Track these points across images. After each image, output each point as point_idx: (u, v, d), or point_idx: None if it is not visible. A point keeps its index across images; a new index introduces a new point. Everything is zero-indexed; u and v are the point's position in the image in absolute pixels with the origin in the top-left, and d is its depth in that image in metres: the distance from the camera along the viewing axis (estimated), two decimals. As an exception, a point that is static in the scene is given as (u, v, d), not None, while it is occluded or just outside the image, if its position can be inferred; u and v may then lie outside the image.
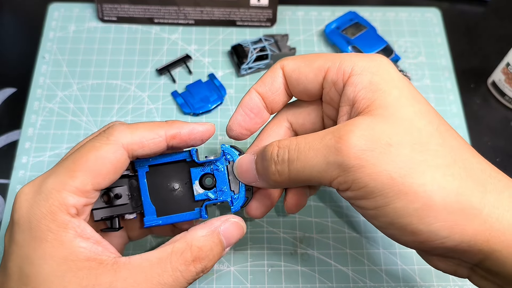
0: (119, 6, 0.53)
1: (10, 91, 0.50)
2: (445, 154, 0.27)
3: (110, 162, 0.28)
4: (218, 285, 0.40)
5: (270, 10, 0.54)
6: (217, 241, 0.30)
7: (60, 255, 0.26)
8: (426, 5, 0.57)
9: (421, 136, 0.27)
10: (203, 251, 0.29)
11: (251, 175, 0.31)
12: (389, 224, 0.27)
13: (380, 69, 0.29)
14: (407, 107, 0.27)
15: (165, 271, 0.27)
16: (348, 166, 0.26)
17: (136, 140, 0.29)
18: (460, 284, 0.41)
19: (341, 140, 0.26)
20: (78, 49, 0.52)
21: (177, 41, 0.54)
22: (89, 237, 0.27)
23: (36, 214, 0.26)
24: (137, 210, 0.32)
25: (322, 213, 0.44)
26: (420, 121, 0.27)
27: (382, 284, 0.41)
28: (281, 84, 0.32)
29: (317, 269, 0.41)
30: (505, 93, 0.51)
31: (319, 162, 0.27)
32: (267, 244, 0.42)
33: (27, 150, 0.46)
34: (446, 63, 0.53)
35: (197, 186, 0.32)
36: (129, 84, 0.50)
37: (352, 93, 0.29)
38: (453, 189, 0.26)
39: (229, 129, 0.34)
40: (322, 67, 0.31)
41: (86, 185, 0.27)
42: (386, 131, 0.26)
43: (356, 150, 0.26)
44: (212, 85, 0.50)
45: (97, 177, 0.28)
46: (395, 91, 0.28)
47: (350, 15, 0.54)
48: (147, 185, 0.32)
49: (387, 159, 0.26)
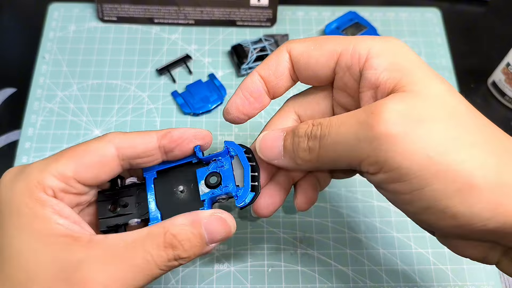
0: (119, 6, 0.53)
1: (10, 91, 0.50)
2: (478, 130, 0.25)
3: (97, 155, 0.28)
4: (218, 285, 0.40)
5: (270, 10, 0.54)
6: (196, 232, 0.28)
7: (35, 228, 0.26)
8: (426, 5, 0.57)
9: (454, 112, 0.25)
10: (178, 239, 0.27)
11: (276, 151, 0.30)
12: (425, 209, 0.25)
13: (398, 51, 0.27)
14: (436, 84, 0.26)
15: (137, 253, 0.26)
16: (379, 143, 0.24)
17: (127, 140, 0.29)
18: (460, 284, 0.41)
19: (372, 114, 0.24)
20: (78, 49, 0.52)
21: (177, 41, 0.54)
22: (67, 216, 0.28)
23: (14, 190, 0.27)
24: (143, 217, 0.32)
25: (322, 213, 0.44)
26: (451, 98, 0.26)
27: (382, 284, 0.41)
28: (286, 69, 0.31)
29: (317, 269, 0.41)
30: (505, 93, 0.51)
31: (349, 137, 0.25)
32: (267, 244, 0.42)
33: (27, 150, 0.46)
34: (446, 63, 0.53)
35: (203, 185, 0.31)
36: (129, 84, 0.50)
37: (373, 76, 0.27)
38: (493, 166, 0.24)
39: (226, 112, 0.32)
40: (334, 51, 0.29)
41: (66, 170, 0.28)
42: (419, 106, 0.25)
43: (388, 125, 0.24)
44: (212, 85, 0.50)
45: (80, 166, 0.28)
46: (418, 71, 0.26)
47: (350, 15, 0.54)
48: (154, 190, 0.32)
49: (423, 135, 0.24)
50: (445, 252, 0.42)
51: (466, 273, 0.41)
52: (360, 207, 0.44)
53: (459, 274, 0.41)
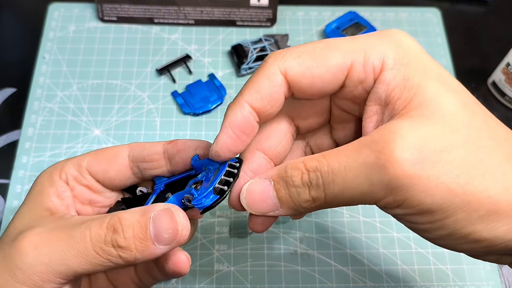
0: (119, 6, 0.53)
1: (10, 91, 0.50)
2: (499, 148, 0.24)
3: (109, 151, 0.32)
4: (218, 285, 0.40)
5: (270, 10, 0.54)
6: (142, 223, 0.25)
7: (33, 200, 0.30)
8: (426, 5, 0.57)
9: (471, 132, 0.23)
10: (121, 223, 0.25)
11: (269, 203, 0.26)
12: (447, 236, 0.24)
13: (411, 58, 0.25)
14: (448, 100, 0.24)
15: (80, 226, 0.26)
16: (397, 185, 0.22)
17: (138, 143, 0.32)
18: (460, 284, 0.41)
19: (383, 155, 0.22)
20: (78, 49, 0.52)
21: (177, 41, 0.54)
22: (63, 198, 0.30)
23: (43, 173, 0.31)
24: None
25: (322, 213, 0.44)
26: (464, 115, 0.24)
27: (382, 284, 0.41)
28: (282, 95, 0.26)
29: (317, 269, 0.41)
30: (505, 93, 0.51)
31: (361, 184, 0.23)
32: (267, 244, 0.42)
33: (27, 150, 0.46)
34: (446, 63, 0.53)
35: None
36: (129, 84, 0.50)
37: (384, 92, 0.25)
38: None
39: (215, 155, 0.27)
40: (342, 64, 0.25)
41: (82, 161, 0.31)
42: (432, 134, 0.23)
43: (404, 165, 0.22)
44: (212, 85, 0.50)
45: (94, 159, 0.32)
46: (432, 83, 0.24)
47: (350, 15, 0.54)
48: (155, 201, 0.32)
49: (441, 168, 0.22)
50: (445, 252, 0.42)
51: (466, 273, 0.41)
52: (360, 207, 0.44)
53: (459, 274, 0.41)
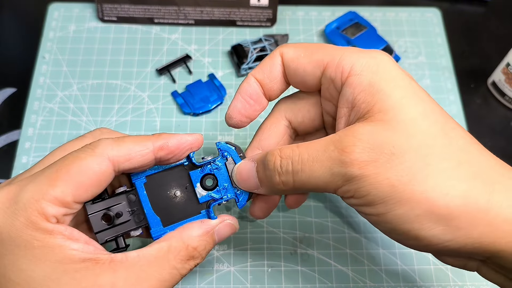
0: (119, 6, 0.53)
1: (10, 91, 0.50)
2: (450, 156, 0.26)
3: (94, 174, 0.27)
4: (218, 285, 0.40)
5: (270, 10, 0.54)
6: (210, 240, 0.31)
7: (53, 259, 0.25)
8: (426, 5, 0.57)
9: (425, 138, 0.26)
10: (198, 250, 0.30)
11: (252, 182, 0.31)
12: (392, 229, 0.27)
13: (381, 68, 0.28)
14: (409, 108, 0.27)
15: (163, 269, 0.28)
16: (351, 176, 0.26)
17: (122, 153, 0.28)
18: (460, 284, 0.41)
19: (344, 152, 0.26)
20: (78, 49, 0.52)
21: (177, 41, 0.54)
22: (78, 238, 0.27)
23: (15, 225, 0.25)
24: (141, 225, 0.31)
25: (322, 213, 0.44)
26: (423, 122, 0.27)
27: (382, 284, 0.41)
28: (279, 73, 0.31)
29: (317, 269, 0.41)
30: (505, 93, 0.51)
31: (324, 173, 0.27)
32: (267, 244, 0.42)
33: (27, 150, 0.46)
34: (446, 63, 0.53)
35: (199, 188, 0.32)
36: (129, 84, 0.50)
37: (351, 95, 0.28)
38: (458, 193, 0.25)
39: (229, 117, 0.33)
40: (321, 61, 0.30)
41: (67, 196, 0.26)
42: (388, 138, 0.26)
43: (359, 163, 0.26)
44: (212, 85, 0.50)
45: (79, 188, 0.27)
46: (396, 91, 0.27)
47: (350, 15, 0.54)
48: (148, 196, 0.31)
49: (389, 168, 0.26)
50: (445, 252, 0.42)
51: (466, 273, 0.41)
52: (360, 207, 0.44)
53: (459, 274, 0.41)
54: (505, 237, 0.25)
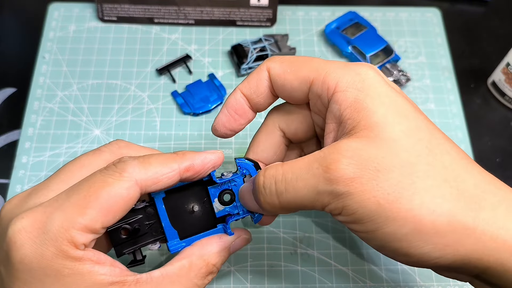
0: (119, 6, 0.53)
1: (10, 91, 0.50)
2: (435, 174, 0.26)
3: (122, 200, 0.27)
4: (218, 285, 0.40)
5: (270, 10, 0.54)
6: (227, 255, 0.32)
7: (83, 285, 0.26)
8: (426, 5, 0.57)
9: (409, 156, 0.26)
10: (217, 266, 0.32)
11: (252, 204, 0.31)
12: (382, 247, 0.27)
13: (366, 84, 0.28)
14: (393, 125, 0.27)
15: (185, 286, 0.30)
16: (338, 193, 0.26)
17: (150, 176, 0.28)
18: (460, 284, 0.41)
19: (329, 170, 0.26)
20: (78, 49, 0.52)
21: (177, 41, 0.54)
22: (104, 262, 0.27)
23: (45, 255, 0.26)
24: (158, 238, 0.32)
25: (322, 213, 0.44)
26: (408, 140, 0.26)
27: (382, 284, 0.41)
28: (266, 88, 0.32)
29: (317, 269, 0.41)
30: (505, 93, 0.51)
31: (309, 192, 0.27)
32: (267, 244, 0.42)
33: (27, 150, 0.46)
34: (446, 63, 0.53)
35: (217, 203, 0.32)
36: (129, 84, 0.50)
37: (337, 111, 0.28)
38: (444, 211, 0.25)
39: (214, 129, 0.33)
40: (307, 77, 0.30)
41: (96, 223, 0.26)
42: (373, 155, 0.26)
43: (344, 179, 0.26)
44: (212, 85, 0.50)
45: (108, 215, 0.27)
46: (381, 109, 0.27)
47: (350, 15, 0.54)
48: (166, 210, 0.31)
49: (375, 185, 0.25)
50: (445, 252, 0.42)
51: (466, 273, 0.41)
52: (360, 207, 0.44)
53: (459, 274, 0.41)
54: (492, 255, 0.25)
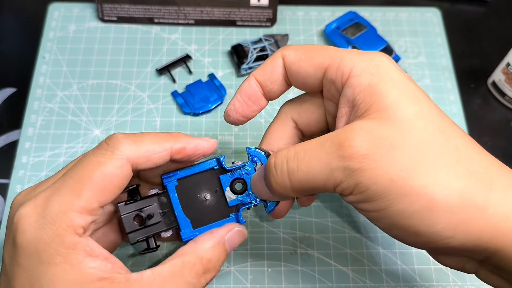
0: (119, 6, 0.53)
1: (10, 91, 0.50)
2: (447, 154, 0.26)
3: (116, 178, 0.28)
4: (218, 285, 0.40)
5: (270, 10, 0.54)
6: (223, 250, 0.31)
7: (71, 277, 0.26)
8: (426, 5, 0.57)
9: (423, 136, 0.26)
10: (212, 262, 0.30)
11: (263, 191, 0.31)
12: (391, 225, 0.27)
13: (379, 69, 0.28)
14: (406, 108, 0.27)
15: (178, 286, 0.28)
16: (351, 169, 0.26)
17: (142, 154, 0.29)
18: (460, 284, 0.41)
19: (342, 147, 0.26)
20: (78, 49, 0.52)
21: (177, 41, 0.54)
22: (97, 255, 0.27)
23: (43, 239, 0.26)
24: (171, 226, 0.32)
25: (322, 213, 0.44)
26: (420, 122, 0.27)
27: (382, 284, 0.41)
28: (280, 75, 0.32)
29: (317, 269, 0.41)
30: (505, 93, 0.51)
31: (321, 169, 0.27)
32: (267, 244, 0.42)
33: (27, 150, 0.46)
34: (446, 63, 0.53)
35: (229, 192, 0.32)
36: (129, 84, 0.50)
37: (351, 95, 0.29)
38: (456, 189, 0.25)
39: (226, 115, 0.33)
40: (321, 64, 0.30)
41: (93, 203, 0.27)
42: (386, 134, 0.26)
43: (358, 156, 0.26)
44: (212, 85, 0.50)
45: (103, 194, 0.27)
46: (394, 92, 0.27)
47: (350, 15, 0.54)
48: (178, 198, 0.32)
49: (389, 161, 0.25)
50: (445, 252, 0.42)
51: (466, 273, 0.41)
52: (360, 207, 0.44)
53: (459, 274, 0.41)
54: (504, 235, 0.25)
